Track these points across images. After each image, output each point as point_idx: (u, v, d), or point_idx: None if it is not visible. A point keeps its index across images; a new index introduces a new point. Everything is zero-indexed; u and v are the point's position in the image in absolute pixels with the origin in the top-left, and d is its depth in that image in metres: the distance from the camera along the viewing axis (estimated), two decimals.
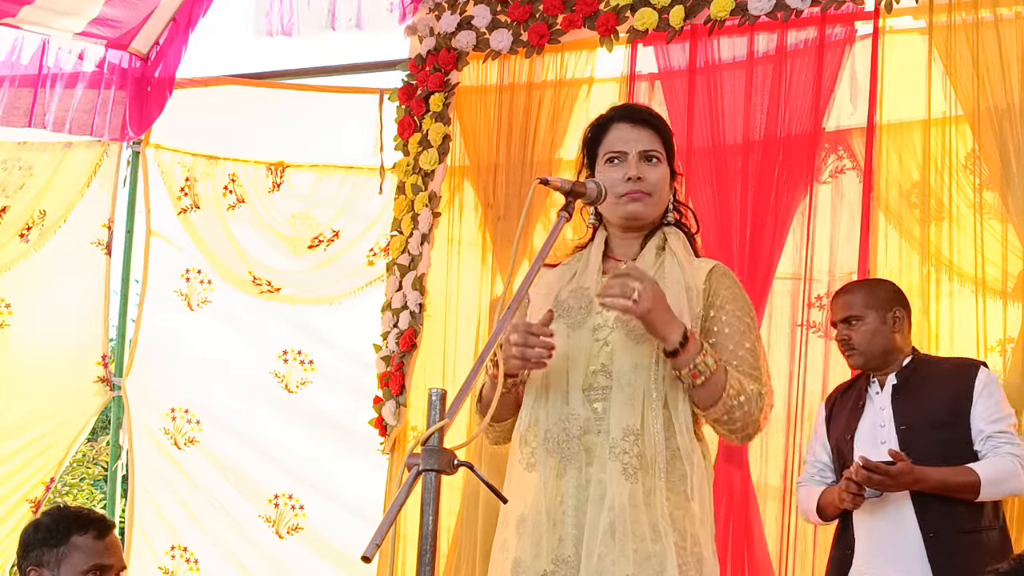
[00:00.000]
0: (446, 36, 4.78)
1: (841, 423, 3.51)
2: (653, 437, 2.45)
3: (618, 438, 2.46)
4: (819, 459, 3.58)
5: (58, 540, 2.78)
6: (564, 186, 2.49)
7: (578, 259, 2.69)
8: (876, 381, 3.49)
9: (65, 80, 5.42)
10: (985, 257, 3.79)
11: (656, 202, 2.62)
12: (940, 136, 3.91)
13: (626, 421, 2.46)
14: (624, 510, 2.42)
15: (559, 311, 2.56)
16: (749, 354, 2.54)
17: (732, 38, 4.24)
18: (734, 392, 2.46)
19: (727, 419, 2.49)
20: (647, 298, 2.39)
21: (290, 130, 5.56)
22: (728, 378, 2.46)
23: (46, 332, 5.66)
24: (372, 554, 1.88)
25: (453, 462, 2.02)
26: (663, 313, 2.42)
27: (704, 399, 2.47)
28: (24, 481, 5.50)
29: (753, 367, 2.53)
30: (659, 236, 2.65)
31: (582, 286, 2.59)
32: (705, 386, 2.45)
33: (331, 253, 5.42)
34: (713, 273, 2.60)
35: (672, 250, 2.61)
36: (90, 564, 2.78)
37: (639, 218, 2.62)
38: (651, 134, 2.63)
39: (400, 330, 4.69)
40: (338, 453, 5.29)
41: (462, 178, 4.81)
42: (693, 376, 2.44)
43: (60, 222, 5.66)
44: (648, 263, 2.59)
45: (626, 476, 2.44)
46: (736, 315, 2.56)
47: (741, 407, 2.47)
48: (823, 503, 3.48)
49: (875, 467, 3.18)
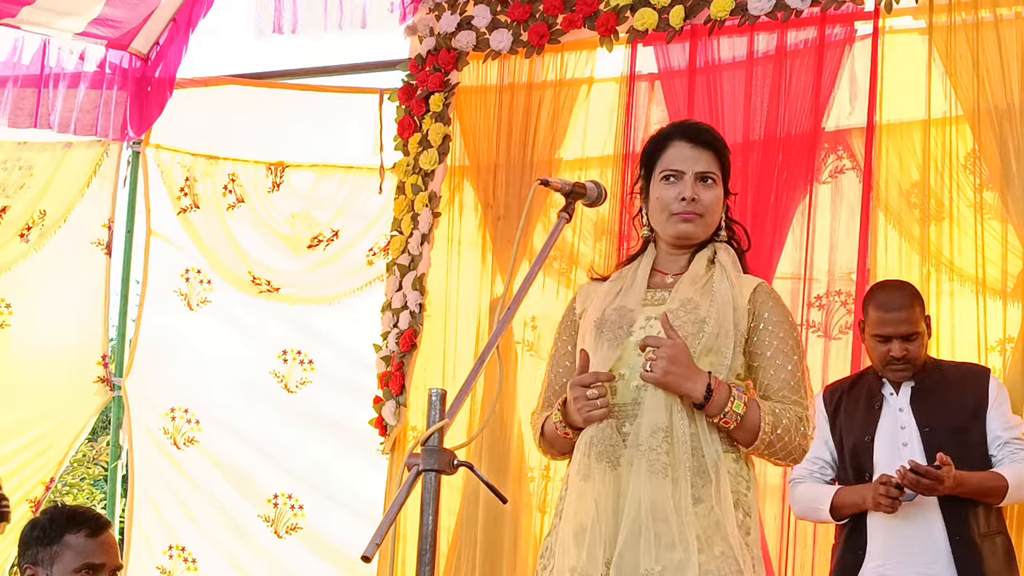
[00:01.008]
0: (446, 36, 4.78)
1: (856, 424, 3.47)
2: (681, 438, 2.49)
3: (646, 435, 2.49)
4: (819, 456, 3.52)
5: (52, 539, 2.78)
6: (564, 187, 2.52)
7: (624, 274, 2.73)
8: (888, 383, 3.47)
9: (67, 80, 5.42)
10: (985, 257, 3.79)
11: (708, 223, 2.66)
12: (940, 136, 3.91)
13: (656, 421, 2.49)
14: (650, 506, 2.45)
15: (603, 327, 2.60)
16: (791, 377, 2.57)
17: (732, 38, 4.24)
18: (770, 428, 2.50)
19: (768, 452, 2.54)
20: (659, 367, 2.45)
21: (290, 130, 5.55)
22: (762, 414, 2.50)
23: (46, 332, 5.66)
24: (372, 554, 1.89)
25: (453, 462, 2.02)
26: (680, 375, 2.46)
27: (742, 439, 2.53)
28: (24, 481, 5.50)
29: (794, 390, 2.57)
30: (709, 249, 2.68)
31: (625, 305, 2.63)
32: (740, 429, 2.50)
33: (330, 253, 5.42)
34: (757, 292, 2.63)
35: (722, 265, 2.64)
36: (80, 563, 2.78)
37: (689, 238, 2.66)
38: (710, 155, 2.66)
39: (400, 330, 4.69)
40: (337, 453, 5.29)
41: (462, 178, 4.81)
42: (725, 423, 2.49)
43: (60, 222, 5.65)
44: (698, 275, 2.63)
45: (652, 472, 2.46)
46: (779, 336, 2.59)
47: (780, 439, 2.52)
48: (841, 503, 3.43)
49: (925, 471, 3.17)
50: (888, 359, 3.42)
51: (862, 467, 3.41)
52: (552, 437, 2.67)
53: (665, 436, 2.48)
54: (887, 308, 3.43)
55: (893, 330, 3.41)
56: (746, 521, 2.53)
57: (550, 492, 4.43)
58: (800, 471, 3.56)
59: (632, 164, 4.24)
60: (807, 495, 3.53)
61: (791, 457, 2.57)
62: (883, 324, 3.43)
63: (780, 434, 2.51)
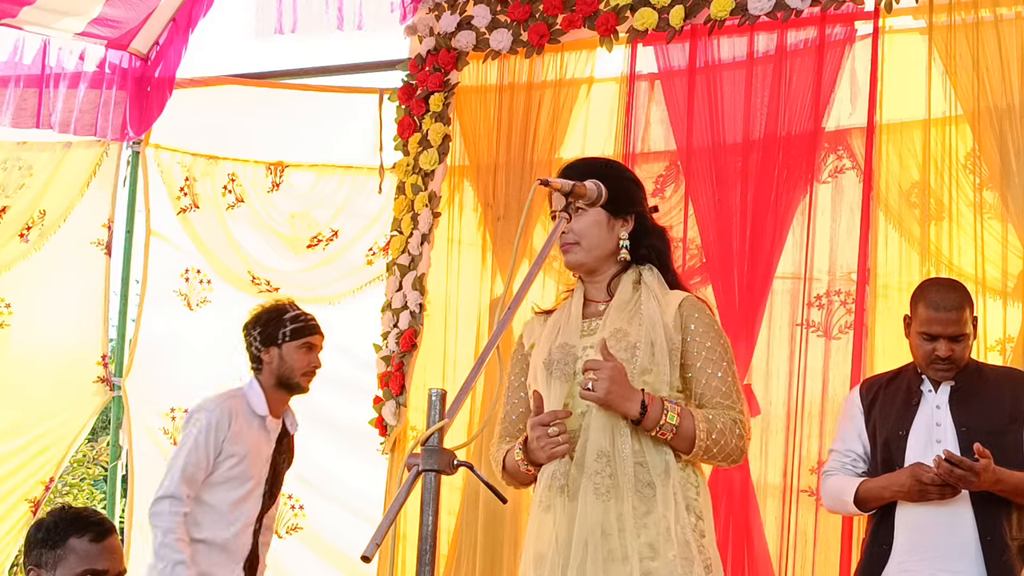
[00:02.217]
0: (446, 36, 4.78)
1: (891, 418, 3.43)
2: (622, 458, 2.63)
3: (591, 459, 2.64)
4: (852, 449, 3.49)
5: (56, 542, 2.77)
6: (564, 187, 2.54)
7: (562, 310, 2.85)
8: (928, 379, 3.43)
9: (68, 80, 5.42)
10: (985, 257, 3.79)
11: (588, 247, 2.77)
12: (940, 136, 3.91)
13: (599, 444, 2.65)
14: (598, 526, 2.60)
15: (551, 367, 2.74)
16: (721, 383, 2.72)
17: (732, 38, 4.24)
18: (704, 435, 2.64)
19: (707, 457, 2.69)
20: (601, 387, 2.58)
21: (290, 130, 5.56)
22: (696, 423, 2.65)
23: (46, 332, 5.66)
24: (372, 554, 1.89)
25: (453, 462, 2.03)
26: (619, 395, 2.59)
27: (681, 448, 2.66)
28: (24, 481, 5.50)
29: (726, 395, 2.72)
30: (634, 272, 2.79)
31: (567, 342, 2.76)
32: (677, 439, 2.64)
33: (330, 253, 5.42)
34: (683, 306, 2.75)
35: (647, 286, 2.76)
36: (83, 568, 2.75)
37: (577, 266, 2.81)
38: None
39: (400, 330, 4.69)
40: (337, 453, 5.29)
41: (462, 178, 4.81)
42: (662, 435, 2.64)
43: (60, 222, 5.65)
44: (624, 300, 2.75)
45: (597, 495, 2.62)
46: (707, 345, 2.73)
47: (716, 443, 2.66)
48: (867, 495, 3.37)
49: (959, 461, 3.13)
50: (933, 358, 3.36)
51: (892, 461, 3.37)
52: (514, 472, 2.81)
53: (608, 460, 2.63)
54: (938, 307, 3.35)
55: (941, 330, 3.34)
56: (699, 524, 2.67)
57: None
58: (832, 463, 3.53)
59: (632, 164, 4.24)
60: (836, 487, 3.48)
61: (730, 459, 2.72)
62: (932, 323, 3.36)
63: (716, 438, 2.66)
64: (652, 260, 2.81)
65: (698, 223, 4.20)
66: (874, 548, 3.40)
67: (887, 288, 4.01)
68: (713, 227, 4.15)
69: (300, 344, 3.95)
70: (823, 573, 3.91)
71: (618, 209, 2.76)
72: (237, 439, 3.86)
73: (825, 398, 4.00)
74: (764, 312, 4.05)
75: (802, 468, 3.97)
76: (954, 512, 3.27)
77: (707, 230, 4.18)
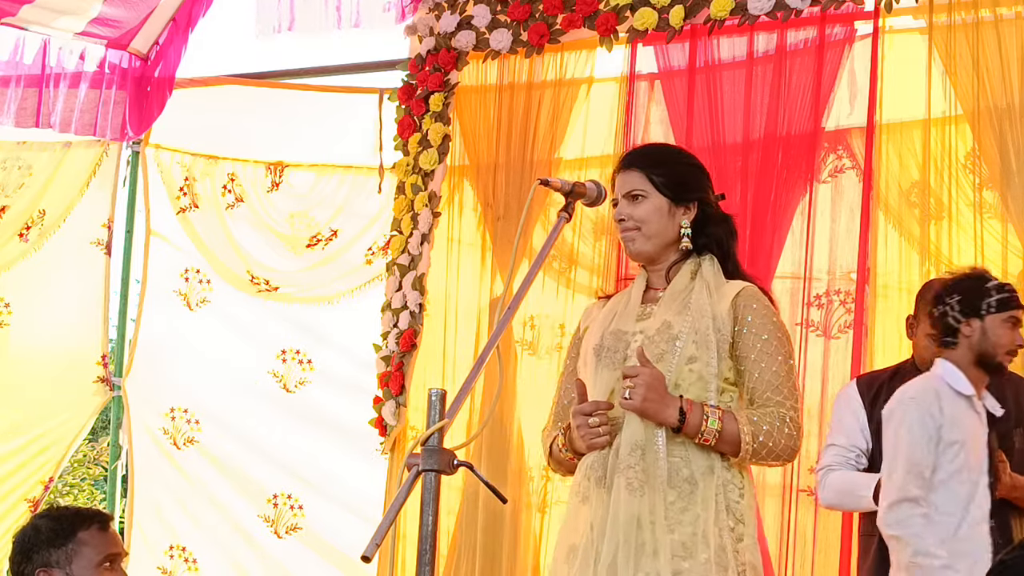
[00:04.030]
0: (446, 36, 4.78)
1: None
2: (655, 453, 2.57)
3: (625, 453, 2.58)
4: (855, 444, 3.50)
5: (64, 538, 2.78)
6: (564, 187, 2.55)
7: (621, 296, 2.82)
8: None
9: (68, 80, 5.42)
10: (985, 257, 3.78)
11: (649, 234, 2.74)
12: (940, 136, 3.91)
13: (633, 437, 2.59)
14: (631, 519, 2.54)
15: (601, 353, 2.69)
16: (774, 377, 2.64)
17: (732, 38, 4.24)
18: (750, 439, 2.58)
19: (755, 460, 2.62)
20: (638, 395, 2.54)
21: (289, 130, 5.55)
22: (740, 426, 2.58)
23: (46, 332, 5.66)
24: (372, 554, 1.89)
25: (453, 462, 2.03)
26: (656, 402, 2.55)
27: (727, 452, 2.61)
28: (23, 480, 5.51)
29: (777, 390, 2.63)
30: (693, 263, 2.75)
31: (620, 328, 2.71)
32: (721, 443, 2.58)
33: (329, 252, 5.42)
34: (740, 296, 2.69)
35: (703, 277, 2.71)
36: (102, 555, 2.79)
37: (638, 253, 2.77)
38: (636, 174, 2.76)
39: (400, 330, 4.69)
40: (337, 453, 5.29)
41: (462, 178, 4.80)
42: (704, 442, 2.58)
43: (60, 222, 5.65)
44: (677, 290, 2.71)
45: (630, 489, 2.56)
46: (763, 338, 2.65)
47: (764, 446, 2.59)
48: None
49: None
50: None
51: None
52: (559, 459, 2.80)
53: (642, 454, 2.57)
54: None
55: None
56: (738, 527, 2.59)
57: (550, 492, 4.43)
58: (833, 459, 3.53)
59: None
60: (845, 482, 3.47)
61: (781, 459, 2.66)
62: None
63: (763, 441, 2.59)
64: (712, 249, 2.76)
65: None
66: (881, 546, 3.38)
67: (887, 288, 4.01)
68: None
69: (1006, 318, 3.41)
70: (823, 573, 3.91)
71: (679, 196, 2.74)
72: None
73: (825, 398, 4.00)
74: None
75: (802, 468, 3.97)
76: None
77: None
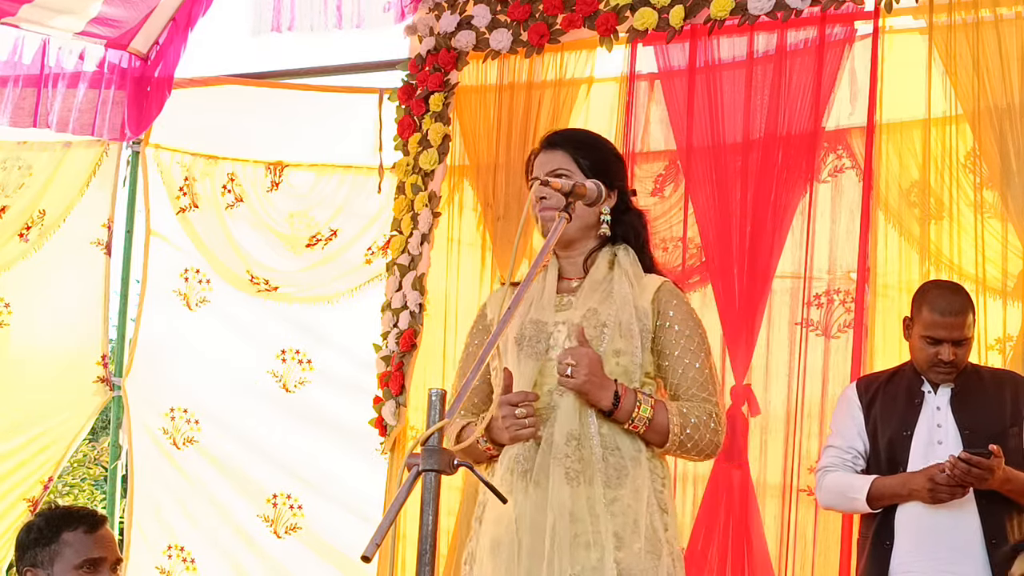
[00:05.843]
0: (446, 36, 4.78)
1: (894, 418, 3.43)
2: (591, 441, 2.58)
3: (560, 442, 2.58)
4: (853, 446, 3.48)
5: (49, 539, 2.79)
6: (564, 186, 2.53)
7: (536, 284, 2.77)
8: (927, 381, 3.43)
9: (67, 80, 5.42)
10: (985, 256, 3.79)
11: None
12: (940, 135, 3.91)
13: (568, 426, 2.59)
14: (564, 514, 2.53)
15: (522, 343, 2.69)
16: (698, 374, 2.67)
17: (732, 38, 4.24)
18: (679, 429, 2.61)
19: (680, 451, 2.65)
20: (580, 373, 2.55)
21: (289, 130, 5.55)
22: (670, 416, 2.60)
23: (46, 332, 5.66)
24: (372, 554, 1.89)
25: (453, 462, 2.02)
26: (595, 384, 2.56)
27: (654, 441, 2.64)
28: (23, 480, 5.50)
29: (703, 387, 2.67)
30: (609, 251, 2.74)
31: (539, 319, 2.71)
32: (650, 432, 2.61)
33: (329, 252, 5.42)
34: (661, 291, 2.70)
35: (622, 267, 2.71)
36: (81, 559, 2.78)
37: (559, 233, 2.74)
38: (560, 154, 2.74)
39: (400, 330, 4.69)
40: (337, 453, 5.29)
41: (462, 178, 4.80)
42: (634, 428, 2.61)
43: (60, 222, 5.65)
44: (597, 280, 2.70)
45: (568, 479, 2.56)
46: (685, 335, 2.68)
47: (690, 438, 2.62)
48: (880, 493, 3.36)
49: (978, 462, 3.13)
50: (935, 361, 3.37)
51: (897, 460, 3.37)
52: (471, 448, 2.72)
53: (578, 444, 2.57)
54: (943, 312, 3.35)
55: (946, 334, 3.35)
56: (663, 517, 2.62)
57: None
58: (831, 459, 3.52)
59: (632, 164, 4.24)
60: (840, 483, 3.47)
61: (704, 453, 2.68)
62: (936, 327, 3.36)
63: (690, 433, 2.62)
64: (629, 240, 2.76)
65: (698, 223, 4.20)
66: (876, 547, 3.39)
67: (887, 288, 4.01)
68: (713, 227, 4.15)
69: None
70: (823, 573, 3.91)
71: (603, 181, 2.69)
72: None
73: (825, 398, 4.00)
74: (764, 312, 4.05)
75: (802, 468, 3.97)
76: (958, 514, 3.26)
77: (707, 229, 4.17)
